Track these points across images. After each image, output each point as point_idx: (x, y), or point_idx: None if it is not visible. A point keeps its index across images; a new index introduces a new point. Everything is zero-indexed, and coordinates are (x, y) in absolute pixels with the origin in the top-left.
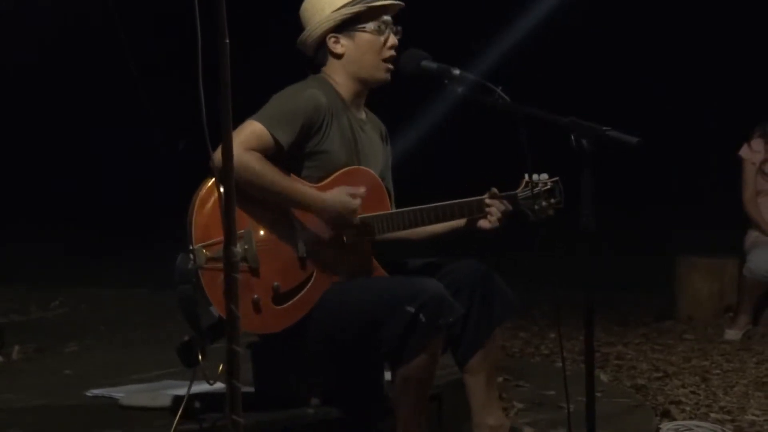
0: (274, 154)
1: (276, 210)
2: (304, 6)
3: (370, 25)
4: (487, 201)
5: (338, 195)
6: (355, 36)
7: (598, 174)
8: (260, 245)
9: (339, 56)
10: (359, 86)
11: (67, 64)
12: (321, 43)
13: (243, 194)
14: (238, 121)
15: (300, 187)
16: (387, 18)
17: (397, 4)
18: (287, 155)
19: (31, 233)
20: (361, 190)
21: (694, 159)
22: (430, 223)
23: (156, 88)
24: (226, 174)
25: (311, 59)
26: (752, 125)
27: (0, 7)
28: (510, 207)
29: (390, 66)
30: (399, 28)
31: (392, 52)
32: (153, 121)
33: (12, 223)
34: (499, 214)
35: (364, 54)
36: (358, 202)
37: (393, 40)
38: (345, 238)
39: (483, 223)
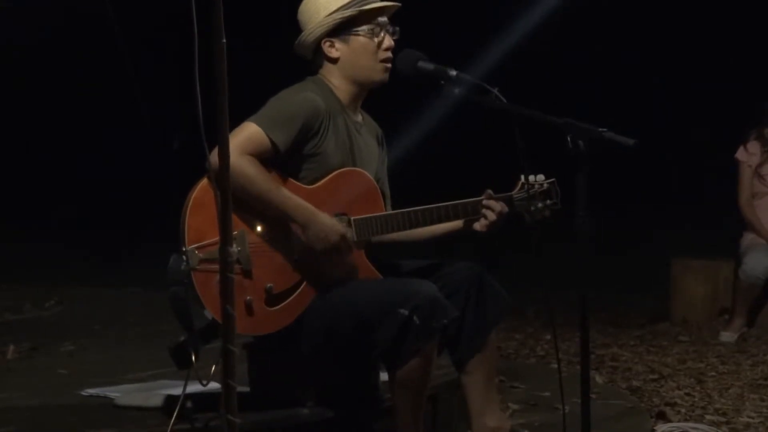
0: (270, 156)
1: (269, 212)
2: (301, 9)
3: (364, 28)
4: (484, 203)
5: (328, 217)
6: (350, 40)
7: (593, 175)
8: (253, 247)
9: (335, 60)
10: (357, 89)
11: (66, 63)
12: (317, 47)
13: (235, 197)
14: (236, 121)
15: (292, 197)
16: (382, 19)
17: (393, 5)
18: (283, 157)
19: (27, 232)
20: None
21: (689, 160)
22: (425, 224)
23: (154, 88)
24: (222, 174)
25: (309, 62)
26: (748, 127)
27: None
28: (506, 208)
29: (387, 65)
30: (396, 28)
31: (388, 54)
32: (151, 120)
33: (7, 221)
34: (494, 216)
35: (359, 57)
36: (344, 230)
37: (388, 41)
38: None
39: (478, 225)
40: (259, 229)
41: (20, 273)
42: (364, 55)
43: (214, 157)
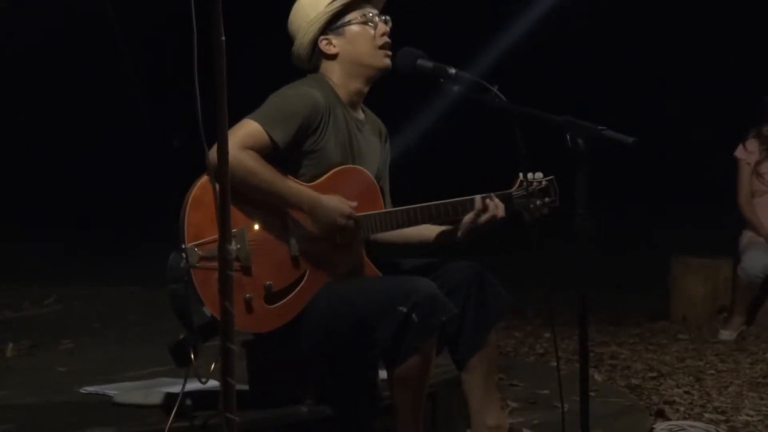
0: (269, 153)
1: (269, 209)
2: (289, 20)
3: (357, 17)
4: (478, 202)
5: (333, 198)
6: (345, 31)
7: (593, 175)
8: (253, 244)
9: (334, 56)
10: (358, 84)
11: (66, 63)
12: (313, 48)
13: (236, 193)
14: (236, 119)
15: (295, 186)
16: (372, 10)
17: None
18: (283, 154)
19: (26, 231)
20: (354, 203)
21: (689, 160)
22: (423, 222)
23: (154, 88)
24: (221, 172)
25: (307, 70)
26: (749, 126)
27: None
28: (503, 213)
29: (388, 52)
30: (387, 17)
31: (386, 39)
32: (151, 120)
33: (7, 221)
34: (489, 216)
35: (357, 46)
36: (353, 205)
37: (383, 27)
38: (338, 238)
39: (469, 218)
40: (259, 226)
41: (20, 272)
42: (362, 42)
43: (213, 153)
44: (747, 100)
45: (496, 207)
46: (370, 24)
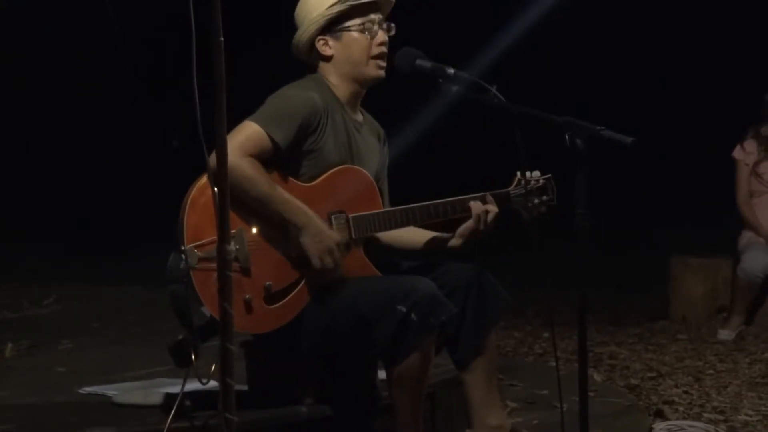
0: (271, 154)
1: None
2: (296, 10)
3: (357, 25)
4: (477, 209)
5: (326, 228)
6: (342, 36)
7: (593, 175)
8: (252, 245)
9: (329, 58)
10: (354, 86)
11: (66, 63)
12: (311, 46)
13: (236, 196)
14: (235, 119)
15: (291, 200)
16: (374, 15)
17: (386, 0)
18: (284, 155)
19: (26, 231)
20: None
21: (689, 160)
22: (421, 221)
23: (154, 88)
24: (220, 173)
25: (307, 63)
26: (747, 125)
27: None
28: (495, 211)
29: (381, 62)
30: (391, 24)
31: (382, 49)
32: (151, 120)
33: (7, 221)
34: (483, 214)
35: (351, 53)
36: (341, 241)
37: (382, 36)
38: (315, 262)
39: (468, 226)
40: (257, 227)
41: (20, 272)
42: (357, 50)
43: (214, 158)
44: (747, 100)
45: (487, 212)
46: (368, 33)
